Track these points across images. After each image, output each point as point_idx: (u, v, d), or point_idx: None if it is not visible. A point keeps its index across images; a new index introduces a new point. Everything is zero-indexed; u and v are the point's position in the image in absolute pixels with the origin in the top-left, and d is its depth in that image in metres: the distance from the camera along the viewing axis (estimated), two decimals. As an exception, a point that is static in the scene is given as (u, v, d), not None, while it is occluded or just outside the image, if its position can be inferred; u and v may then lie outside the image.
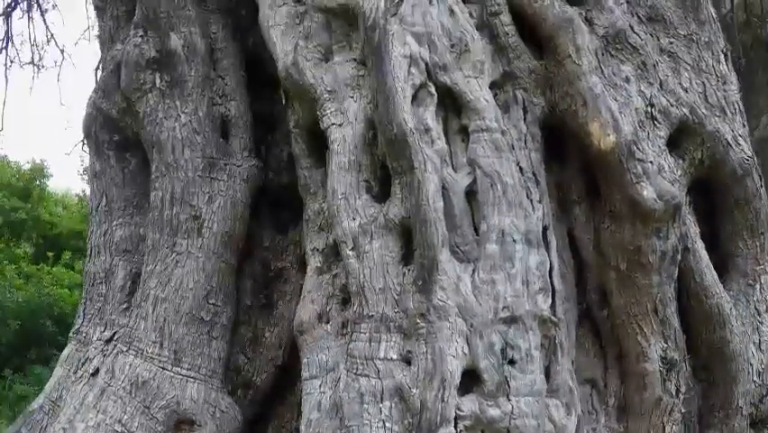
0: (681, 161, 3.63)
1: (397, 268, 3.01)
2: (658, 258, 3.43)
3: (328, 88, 3.20)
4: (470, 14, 3.53)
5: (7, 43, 7.05)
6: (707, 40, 3.84)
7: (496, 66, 3.53)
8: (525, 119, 3.54)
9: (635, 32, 3.61)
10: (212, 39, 3.82)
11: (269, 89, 3.82)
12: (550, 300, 3.11)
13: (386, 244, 3.02)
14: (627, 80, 3.53)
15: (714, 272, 3.66)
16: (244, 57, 3.90)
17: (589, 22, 3.59)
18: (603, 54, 3.54)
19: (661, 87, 3.61)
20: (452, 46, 3.17)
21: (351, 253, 3.06)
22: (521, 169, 3.39)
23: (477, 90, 3.18)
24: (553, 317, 3.06)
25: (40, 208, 9.12)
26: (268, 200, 3.80)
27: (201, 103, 3.67)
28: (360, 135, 3.10)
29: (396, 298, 2.96)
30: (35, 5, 7.40)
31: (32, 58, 7.38)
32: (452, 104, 3.18)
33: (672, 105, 3.60)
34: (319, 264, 3.36)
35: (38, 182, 9.41)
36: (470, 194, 3.11)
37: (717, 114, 3.74)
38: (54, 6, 8.10)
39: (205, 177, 3.59)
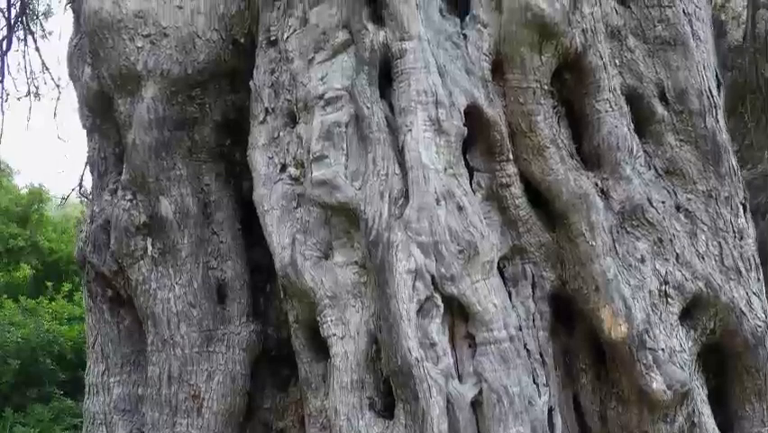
0: (692, 332, 3.53)
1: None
2: (665, 440, 3.39)
3: (328, 293, 3.07)
4: (479, 184, 3.39)
5: (3, 78, 6.82)
6: (726, 195, 3.68)
7: (505, 239, 3.39)
8: (533, 295, 3.44)
9: (652, 206, 3.44)
10: (204, 191, 3.65)
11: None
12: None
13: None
14: (642, 260, 3.39)
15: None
16: (239, 205, 3.73)
17: (604, 193, 3.43)
18: (618, 232, 3.40)
19: (677, 260, 3.47)
20: (461, 252, 3.03)
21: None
22: (528, 351, 3.31)
23: (485, 297, 3.06)
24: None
25: (39, 234, 9.02)
26: (267, 355, 3.72)
27: (196, 272, 3.54)
28: (362, 351, 2.99)
29: None
30: (29, 38, 7.11)
31: (29, 89, 7.14)
32: (459, 311, 3.06)
33: (687, 280, 3.47)
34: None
35: (36, 206, 9.25)
36: (476, 403, 3.04)
37: (733, 276, 3.62)
38: (50, 33, 7.74)
39: (202, 351, 3.50)
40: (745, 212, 3.79)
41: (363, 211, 2.99)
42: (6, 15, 6.94)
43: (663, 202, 3.51)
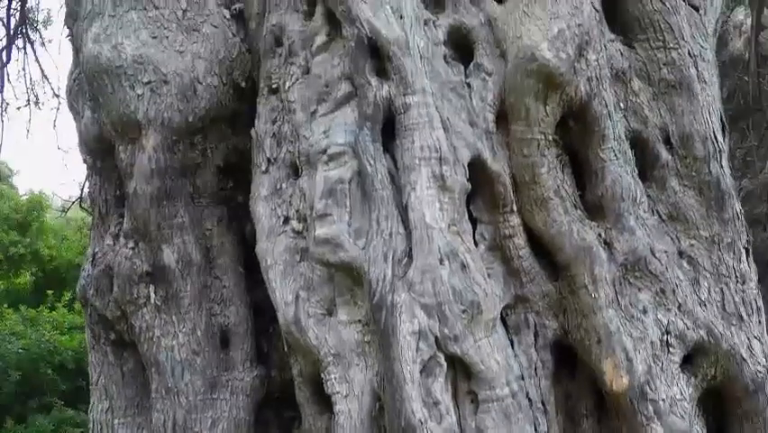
0: (693, 379, 3.54)
1: None
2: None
3: (332, 351, 3.06)
4: (483, 236, 3.38)
5: (2, 88, 6.76)
6: (729, 240, 3.66)
7: (508, 289, 3.40)
8: (536, 344, 3.44)
9: (655, 257, 3.44)
10: (207, 236, 3.64)
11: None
12: None
13: None
14: (645, 311, 3.40)
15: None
16: (242, 248, 3.72)
17: (608, 244, 3.42)
18: (621, 283, 3.39)
19: (679, 309, 3.47)
20: (464, 311, 3.02)
21: None
22: (530, 401, 3.33)
23: (487, 355, 3.06)
24: None
25: (39, 242, 9.00)
26: (271, 398, 3.72)
27: (199, 320, 3.54)
28: (366, 410, 3.00)
29: None
30: (29, 47, 7.04)
31: (28, 99, 7.07)
32: (462, 368, 3.06)
33: (688, 329, 3.48)
34: None
35: (36, 213, 9.21)
36: (479, 459, 3.06)
37: (734, 322, 3.62)
38: (50, 41, 7.64)
39: (207, 399, 3.51)
40: (747, 256, 3.78)
41: (367, 272, 2.98)
42: (6, 24, 6.87)
43: (666, 251, 3.51)
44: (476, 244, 3.31)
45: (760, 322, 3.83)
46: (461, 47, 3.50)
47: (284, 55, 3.42)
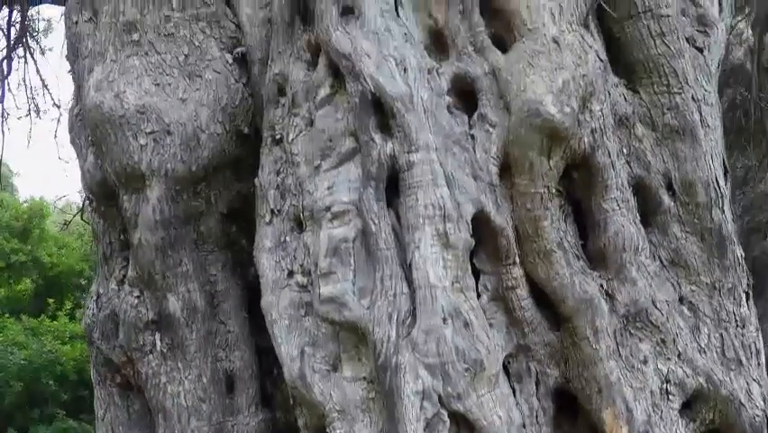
0: (692, 424, 3.59)
1: None
2: None
3: (337, 407, 3.09)
4: (486, 287, 3.40)
5: (3, 97, 6.71)
6: (730, 286, 3.69)
7: (510, 338, 3.42)
8: (537, 392, 3.47)
9: (656, 308, 3.46)
10: (211, 282, 3.66)
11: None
12: None
13: None
14: (645, 361, 3.43)
15: None
16: (246, 291, 3.73)
17: (609, 296, 3.44)
18: (622, 334, 3.42)
19: (678, 357, 3.50)
20: (467, 370, 3.05)
21: None
22: (532, 448, 3.37)
23: (490, 410, 3.09)
24: None
25: (40, 249, 9.01)
26: (275, 439, 3.78)
27: (204, 366, 3.57)
28: (371, 470, 3.04)
29: None
30: (29, 57, 6.97)
31: (29, 109, 7.03)
32: (465, 425, 3.09)
33: (688, 376, 3.51)
34: None
35: (37, 221, 9.20)
36: None
37: (733, 366, 3.66)
38: (50, 50, 7.58)
39: (213, 445, 3.55)
40: (747, 299, 3.81)
41: (372, 333, 3.01)
42: (6, 33, 6.80)
43: (667, 301, 3.53)
44: (479, 295, 3.33)
45: (759, 364, 3.87)
46: (465, 94, 3.49)
47: (287, 105, 3.42)
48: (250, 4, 3.74)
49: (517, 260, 3.37)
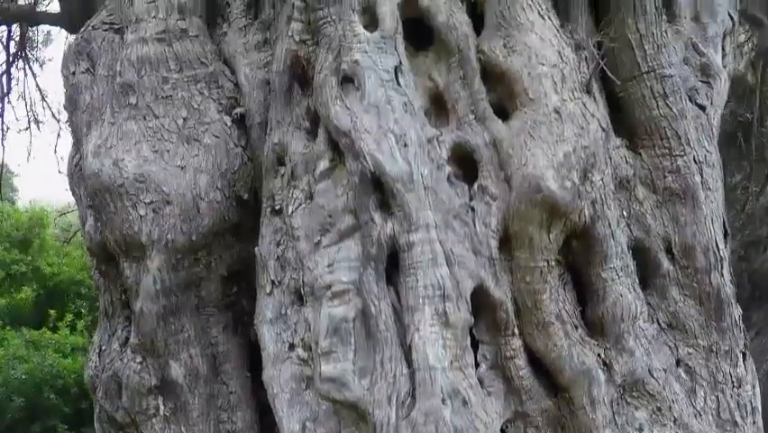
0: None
1: None
2: None
3: (339, 483, 3.14)
4: (485, 356, 3.41)
5: (2, 113, 6.68)
6: (726, 348, 3.72)
7: (508, 405, 3.45)
8: (536, 460, 3.53)
9: (653, 377, 3.49)
10: (213, 344, 3.67)
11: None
12: None
13: None
14: (641, 429, 3.48)
15: None
16: (247, 351, 3.75)
17: (607, 366, 3.47)
18: (619, 403, 3.46)
19: (674, 423, 3.54)
20: (468, 444, 3.09)
21: None
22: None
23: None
24: None
25: (41, 260, 9.00)
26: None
27: (207, 429, 3.60)
28: None
29: None
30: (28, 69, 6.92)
31: (29, 123, 6.98)
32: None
33: (682, 443, 3.57)
34: None
35: (37, 231, 9.17)
36: None
37: (729, 428, 3.71)
38: (50, 60, 7.50)
39: None
40: (744, 360, 3.84)
41: (372, 414, 3.03)
42: (5, 47, 6.75)
43: (664, 369, 3.56)
44: (478, 364, 3.36)
45: (755, 423, 3.91)
46: (465, 160, 3.48)
47: (287, 177, 3.40)
48: (248, 64, 3.70)
49: (516, 331, 3.39)
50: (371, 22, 3.43)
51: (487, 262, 3.30)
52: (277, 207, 3.44)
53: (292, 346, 3.34)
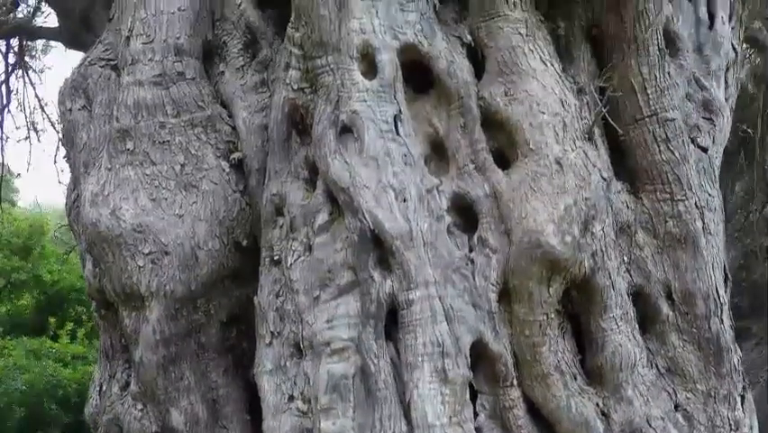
0: None
1: None
2: None
3: None
4: (484, 406, 3.40)
5: (2, 121, 6.65)
6: (725, 393, 3.72)
7: (508, 455, 3.47)
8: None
9: (651, 427, 3.49)
10: (213, 388, 3.67)
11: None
12: None
13: None
14: (639, 478, 3.49)
15: None
16: (247, 394, 3.74)
17: (605, 415, 3.47)
18: (616, 452, 3.47)
19: (671, 464, 3.57)
20: None
21: None
22: None
23: None
24: None
25: (41, 267, 8.99)
26: None
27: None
28: None
29: None
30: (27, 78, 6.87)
31: (28, 133, 6.94)
32: None
33: (678, 483, 3.59)
34: None
35: (37, 238, 9.15)
36: None
37: (725, 472, 3.73)
38: (50, 68, 7.44)
39: None
40: (742, 402, 3.84)
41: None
42: (4, 56, 6.70)
43: (662, 417, 3.56)
44: (476, 414, 3.36)
45: (753, 460, 3.94)
46: (465, 210, 3.46)
47: (285, 228, 3.37)
48: (246, 107, 3.66)
49: (515, 382, 3.39)
50: (370, 69, 3.39)
51: (486, 316, 3.29)
52: (275, 258, 3.42)
53: (291, 398, 3.34)
